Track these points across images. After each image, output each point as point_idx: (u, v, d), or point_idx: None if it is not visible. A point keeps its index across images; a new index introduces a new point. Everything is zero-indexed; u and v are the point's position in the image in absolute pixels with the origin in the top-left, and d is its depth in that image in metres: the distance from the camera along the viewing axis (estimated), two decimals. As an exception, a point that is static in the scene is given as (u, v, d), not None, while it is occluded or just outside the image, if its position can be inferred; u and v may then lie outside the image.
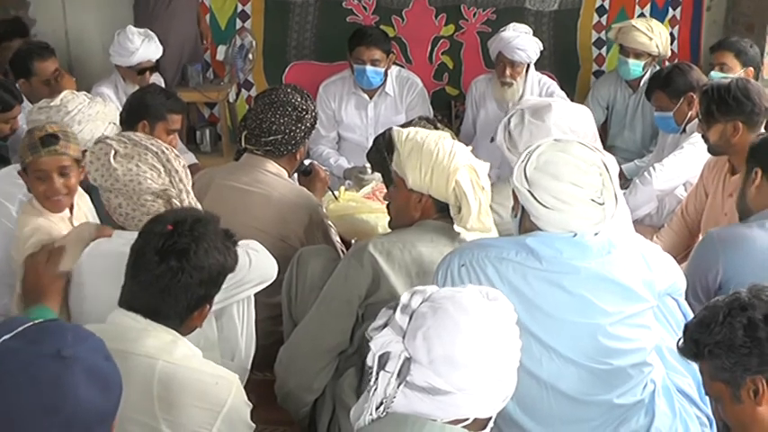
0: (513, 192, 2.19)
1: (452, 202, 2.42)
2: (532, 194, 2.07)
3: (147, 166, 2.34)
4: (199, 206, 2.42)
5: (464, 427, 1.55)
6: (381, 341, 1.56)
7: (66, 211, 2.66)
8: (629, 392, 2.14)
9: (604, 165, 2.10)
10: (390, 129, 2.56)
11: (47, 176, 2.54)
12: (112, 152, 2.34)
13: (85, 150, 2.58)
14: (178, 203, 2.36)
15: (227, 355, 2.46)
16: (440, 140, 2.45)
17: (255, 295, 2.49)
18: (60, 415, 1.35)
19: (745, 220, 2.69)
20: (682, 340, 1.82)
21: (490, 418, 1.61)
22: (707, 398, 2.28)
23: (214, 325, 2.41)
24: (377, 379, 1.55)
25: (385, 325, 1.59)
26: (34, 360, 1.37)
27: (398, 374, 1.53)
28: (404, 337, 1.55)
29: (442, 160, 2.39)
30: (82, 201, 2.78)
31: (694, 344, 1.78)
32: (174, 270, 1.92)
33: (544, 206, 2.06)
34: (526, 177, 2.09)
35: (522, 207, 2.15)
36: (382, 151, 2.57)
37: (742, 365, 1.70)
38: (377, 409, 1.55)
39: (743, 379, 1.71)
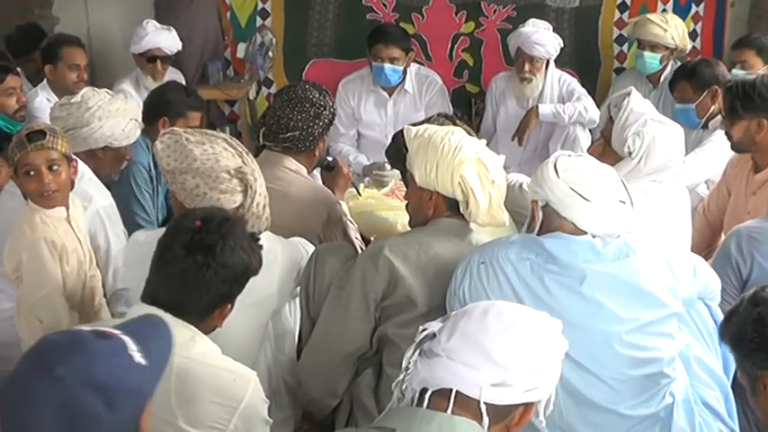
0: (532, 203, 2.19)
1: (460, 198, 2.38)
2: (572, 188, 2.09)
3: (220, 148, 2.38)
4: (265, 191, 2.46)
5: (485, 410, 1.52)
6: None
7: (63, 210, 2.67)
8: (642, 404, 2.10)
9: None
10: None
11: (36, 171, 2.55)
12: (183, 138, 2.37)
13: (71, 156, 2.64)
14: (253, 181, 2.39)
15: (280, 349, 2.56)
16: (447, 135, 2.39)
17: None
18: None
19: None
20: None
21: (511, 409, 1.57)
22: (734, 411, 2.27)
23: (288, 314, 2.65)
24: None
25: None
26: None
27: (419, 343, 1.58)
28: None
29: (447, 154, 2.33)
30: (75, 205, 2.77)
31: (720, 332, 1.83)
32: (199, 264, 1.94)
33: (584, 198, 2.08)
34: (558, 176, 2.11)
35: (543, 219, 2.16)
36: (401, 148, 2.56)
37: (750, 359, 1.71)
38: (400, 384, 1.59)
39: (755, 372, 1.71)
